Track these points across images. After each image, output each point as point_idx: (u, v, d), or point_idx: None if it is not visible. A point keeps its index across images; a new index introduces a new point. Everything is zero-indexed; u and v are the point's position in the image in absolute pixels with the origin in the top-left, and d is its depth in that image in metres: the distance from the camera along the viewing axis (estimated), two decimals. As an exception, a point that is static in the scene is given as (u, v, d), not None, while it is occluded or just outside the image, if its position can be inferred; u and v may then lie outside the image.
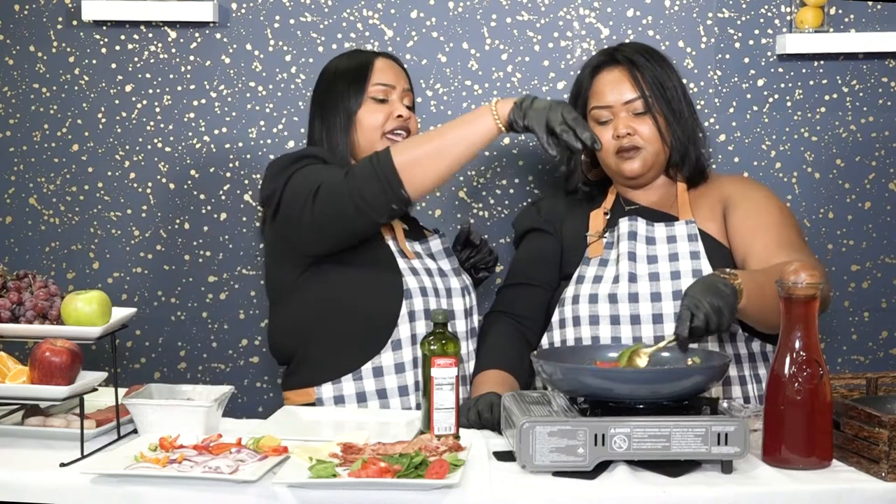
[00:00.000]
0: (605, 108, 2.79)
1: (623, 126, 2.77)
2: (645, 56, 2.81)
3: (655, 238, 2.75)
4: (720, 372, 2.25)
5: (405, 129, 2.82)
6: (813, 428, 2.19)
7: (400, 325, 2.66)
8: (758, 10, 3.29)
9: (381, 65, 2.86)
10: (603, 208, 2.85)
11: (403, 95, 2.86)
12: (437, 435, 2.32)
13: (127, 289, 3.33)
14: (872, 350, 3.36)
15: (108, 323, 2.39)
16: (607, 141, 2.78)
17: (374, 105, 2.81)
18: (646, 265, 2.71)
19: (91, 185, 3.34)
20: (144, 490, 2.11)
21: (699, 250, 2.72)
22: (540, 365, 2.29)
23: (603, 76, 2.82)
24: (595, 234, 2.80)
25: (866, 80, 3.31)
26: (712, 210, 2.79)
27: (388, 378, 2.66)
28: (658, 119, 2.77)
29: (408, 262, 2.71)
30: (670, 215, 2.80)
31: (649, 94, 2.77)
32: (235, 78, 3.31)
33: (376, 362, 2.66)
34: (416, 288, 2.69)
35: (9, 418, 2.49)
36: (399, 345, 2.66)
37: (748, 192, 2.80)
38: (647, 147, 2.77)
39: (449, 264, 2.80)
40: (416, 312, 2.67)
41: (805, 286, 2.21)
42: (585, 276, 2.75)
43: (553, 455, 2.16)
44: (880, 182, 3.34)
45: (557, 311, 2.76)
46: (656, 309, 2.66)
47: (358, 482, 2.07)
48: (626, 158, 2.78)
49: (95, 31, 3.32)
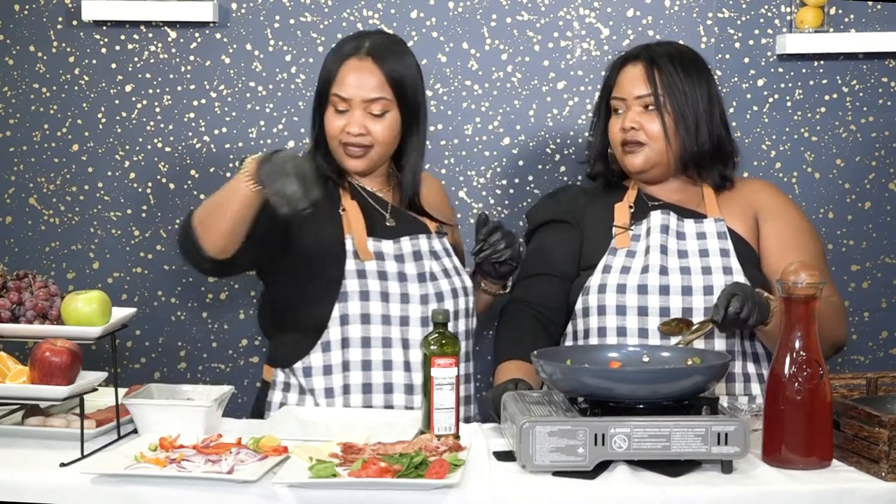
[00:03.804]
0: (621, 99, 2.82)
1: (630, 120, 2.79)
2: (672, 58, 2.81)
3: (685, 233, 2.77)
4: (720, 372, 2.25)
5: (360, 146, 2.70)
6: (813, 428, 2.19)
7: (331, 327, 2.64)
8: (758, 10, 3.29)
9: (349, 71, 2.69)
10: (627, 201, 2.85)
11: (369, 105, 2.69)
12: (437, 435, 2.32)
13: (127, 289, 3.33)
14: (872, 350, 3.36)
15: (108, 323, 2.39)
16: (615, 133, 2.82)
17: (333, 113, 2.72)
18: (676, 259, 2.73)
19: (91, 185, 3.34)
20: (144, 490, 2.11)
21: (728, 248, 2.74)
22: (540, 365, 2.29)
23: (626, 69, 2.84)
24: (622, 226, 2.81)
25: (866, 80, 3.31)
26: (743, 212, 2.81)
27: (316, 379, 2.65)
28: (666, 119, 2.77)
29: (358, 264, 2.66)
30: (696, 213, 2.81)
31: (662, 93, 2.77)
32: (235, 78, 3.31)
33: (306, 362, 2.66)
34: (356, 291, 2.65)
35: (9, 418, 2.49)
36: (328, 346, 2.64)
37: (784, 208, 2.84)
38: (650, 144, 2.78)
39: (416, 268, 2.71)
40: (349, 316, 2.64)
41: (805, 286, 2.21)
42: (612, 266, 2.75)
43: (553, 455, 2.16)
44: (880, 182, 3.34)
45: (581, 300, 2.76)
46: (686, 303, 2.68)
47: (358, 482, 2.07)
48: (629, 152, 2.80)
49: (95, 31, 3.32)
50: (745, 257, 2.74)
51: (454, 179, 3.33)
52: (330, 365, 2.65)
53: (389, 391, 2.65)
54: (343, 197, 2.74)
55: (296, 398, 2.69)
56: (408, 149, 2.77)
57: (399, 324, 2.66)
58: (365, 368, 2.65)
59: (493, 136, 3.33)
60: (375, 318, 2.65)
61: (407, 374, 2.66)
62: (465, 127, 3.33)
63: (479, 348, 3.36)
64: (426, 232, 2.78)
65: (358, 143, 2.70)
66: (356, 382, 2.65)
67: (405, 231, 2.76)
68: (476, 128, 3.33)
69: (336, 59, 2.73)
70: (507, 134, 3.33)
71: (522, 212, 3.33)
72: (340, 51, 2.74)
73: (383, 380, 2.65)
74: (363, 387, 2.64)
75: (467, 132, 3.33)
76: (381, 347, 2.65)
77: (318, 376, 2.65)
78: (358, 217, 2.71)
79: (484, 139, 3.33)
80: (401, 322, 2.66)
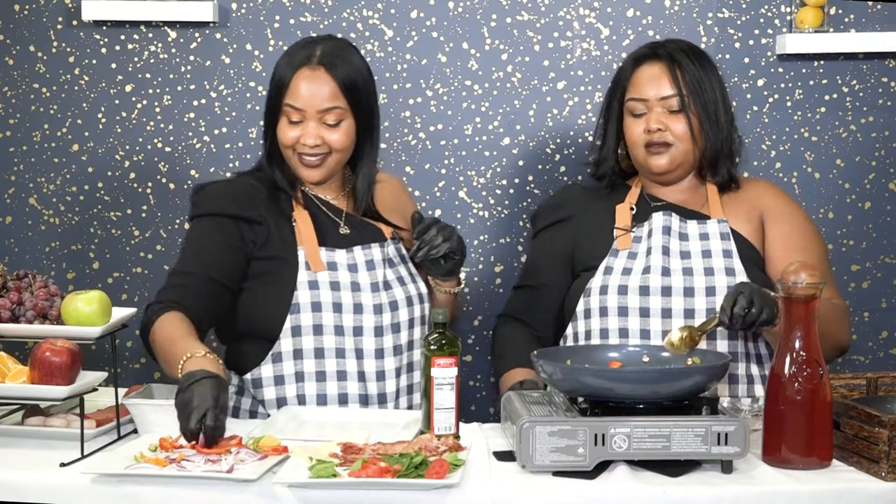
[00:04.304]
0: (641, 101, 2.79)
1: (655, 121, 2.77)
2: (688, 55, 2.81)
3: (688, 234, 2.77)
4: (720, 372, 2.25)
5: (316, 155, 2.68)
6: (813, 428, 2.19)
7: (283, 338, 2.63)
8: (758, 10, 3.29)
9: (302, 80, 2.66)
10: (628, 203, 2.85)
11: (324, 115, 2.66)
12: (437, 435, 2.32)
13: (127, 289, 3.33)
14: (872, 350, 3.36)
15: (108, 323, 2.39)
16: (638, 134, 2.79)
17: (287, 123, 2.69)
18: (679, 260, 2.73)
19: (91, 185, 3.34)
20: (144, 490, 2.11)
21: (731, 249, 2.74)
22: (540, 365, 2.29)
23: (643, 69, 2.81)
24: (623, 228, 2.80)
25: (866, 80, 3.31)
26: (748, 213, 2.81)
27: (267, 390, 2.64)
28: (692, 119, 2.77)
29: (310, 275, 2.65)
30: (700, 213, 2.81)
31: (686, 93, 2.76)
32: (235, 78, 3.31)
33: (256, 373, 2.65)
34: (308, 303, 2.64)
35: (9, 418, 2.49)
36: (279, 357, 2.63)
37: (790, 211, 2.83)
38: (677, 144, 2.77)
39: (370, 278, 2.69)
40: (302, 327, 2.63)
41: (805, 286, 2.21)
42: (614, 267, 2.75)
43: (553, 455, 2.16)
44: (880, 182, 3.34)
45: (583, 301, 2.76)
46: (689, 304, 2.68)
47: (358, 482, 2.07)
48: (654, 154, 2.78)
49: (95, 31, 3.32)
50: (748, 259, 2.74)
51: (454, 179, 3.33)
52: (282, 375, 2.64)
53: (344, 402, 2.65)
54: (295, 207, 2.72)
55: (249, 402, 2.71)
56: (362, 154, 2.75)
57: (353, 334, 2.65)
58: (319, 379, 2.64)
59: (493, 136, 3.33)
60: (328, 328, 2.64)
61: (361, 385, 2.65)
62: (465, 127, 3.33)
63: (479, 349, 3.37)
64: (381, 239, 2.76)
65: (314, 153, 2.68)
66: (311, 393, 2.64)
67: (360, 239, 2.74)
68: (476, 128, 3.33)
69: (288, 69, 2.68)
70: (507, 134, 3.33)
71: (522, 212, 3.33)
72: (291, 60, 2.69)
73: (337, 390, 2.64)
74: (318, 397, 2.64)
75: (467, 132, 3.33)
76: (334, 358, 2.64)
77: (268, 387, 2.64)
78: (309, 228, 2.69)
79: (484, 139, 3.33)
80: (354, 332, 2.65)
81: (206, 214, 2.69)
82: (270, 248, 2.67)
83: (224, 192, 2.73)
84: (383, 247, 2.74)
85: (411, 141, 3.34)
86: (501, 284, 3.34)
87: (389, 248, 2.75)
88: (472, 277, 3.34)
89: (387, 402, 2.67)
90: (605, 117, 2.89)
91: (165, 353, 2.46)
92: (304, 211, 2.72)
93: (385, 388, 2.67)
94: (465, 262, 3.27)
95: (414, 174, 3.34)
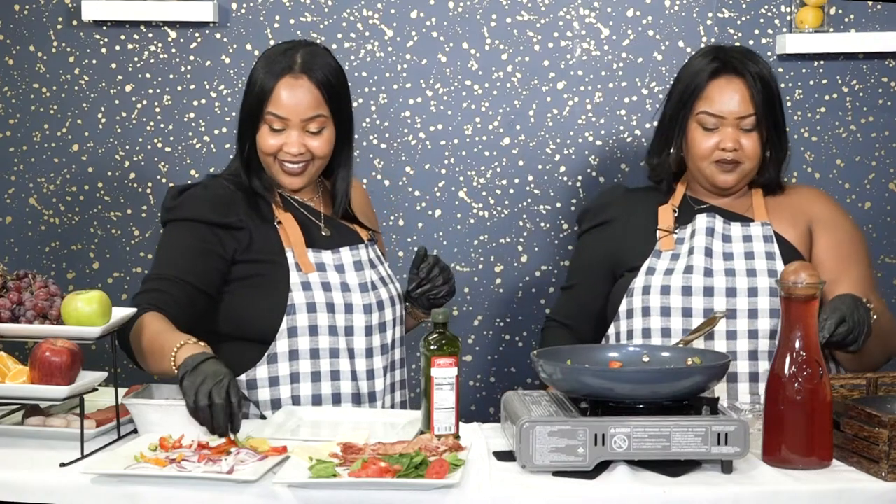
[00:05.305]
0: (717, 116, 2.75)
1: (731, 140, 2.73)
2: (761, 70, 2.77)
3: (731, 236, 2.77)
4: (720, 372, 2.25)
5: (299, 163, 2.67)
6: (813, 428, 2.19)
7: (278, 339, 2.63)
8: (758, 10, 3.29)
9: (284, 89, 2.63)
10: (671, 204, 2.85)
11: (307, 123, 2.65)
12: (437, 435, 2.32)
13: (127, 289, 3.33)
14: (872, 350, 3.36)
15: (108, 323, 2.39)
16: (708, 149, 2.76)
17: (268, 131, 2.66)
18: (721, 261, 2.73)
19: (91, 185, 3.34)
20: (144, 490, 2.11)
21: (774, 251, 2.74)
22: (540, 365, 2.29)
23: (720, 83, 2.76)
24: (666, 229, 2.80)
25: (866, 80, 3.31)
26: (794, 219, 2.80)
27: (262, 391, 2.63)
28: (763, 136, 2.76)
29: (302, 276, 2.65)
30: (743, 216, 2.81)
31: (762, 114, 2.74)
32: (235, 78, 3.32)
33: (251, 374, 2.63)
34: (303, 304, 2.63)
35: (9, 418, 2.49)
36: (275, 359, 2.63)
37: (841, 220, 2.83)
38: (746, 163, 2.76)
39: (358, 279, 2.69)
40: (298, 328, 2.63)
41: (805, 286, 2.21)
42: (657, 268, 2.76)
43: (553, 455, 2.16)
44: (880, 182, 3.34)
45: (625, 301, 2.77)
46: (731, 304, 2.68)
47: (358, 482, 2.07)
48: (725, 171, 2.76)
49: (95, 31, 3.32)
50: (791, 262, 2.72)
51: (454, 179, 3.33)
52: (277, 377, 2.63)
53: (338, 401, 2.65)
54: (276, 210, 2.71)
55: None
56: (340, 159, 2.75)
57: (344, 334, 2.65)
58: (314, 380, 2.64)
59: (493, 136, 3.33)
60: (323, 329, 2.64)
61: (354, 384, 2.66)
62: (465, 127, 3.33)
63: (479, 349, 3.37)
64: (360, 241, 2.77)
65: (297, 160, 2.67)
66: (305, 394, 2.64)
67: (341, 241, 2.74)
68: (476, 128, 3.33)
69: (269, 77, 2.65)
70: (507, 134, 3.33)
71: (522, 212, 3.33)
72: (272, 68, 2.66)
73: (332, 390, 2.64)
74: (312, 398, 2.64)
75: (467, 132, 3.33)
76: (328, 358, 2.64)
77: (263, 388, 2.63)
78: (295, 229, 2.69)
79: (484, 139, 3.34)
80: (345, 332, 2.65)
81: (182, 219, 2.67)
82: (253, 251, 2.66)
83: (202, 197, 2.69)
84: (367, 248, 2.76)
85: (411, 141, 3.34)
86: (501, 284, 3.35)
87: (370, 250, 2.77)
88: (472, 277, 3.35)
89: (376, 400, 2.68)
90: (672, 123, 2.81)
91: (152, 345, 2.44)
92: (286, 213, 2.71)
93: (375, 386, 2.68)
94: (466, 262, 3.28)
95: (414, 174, 3.34)
